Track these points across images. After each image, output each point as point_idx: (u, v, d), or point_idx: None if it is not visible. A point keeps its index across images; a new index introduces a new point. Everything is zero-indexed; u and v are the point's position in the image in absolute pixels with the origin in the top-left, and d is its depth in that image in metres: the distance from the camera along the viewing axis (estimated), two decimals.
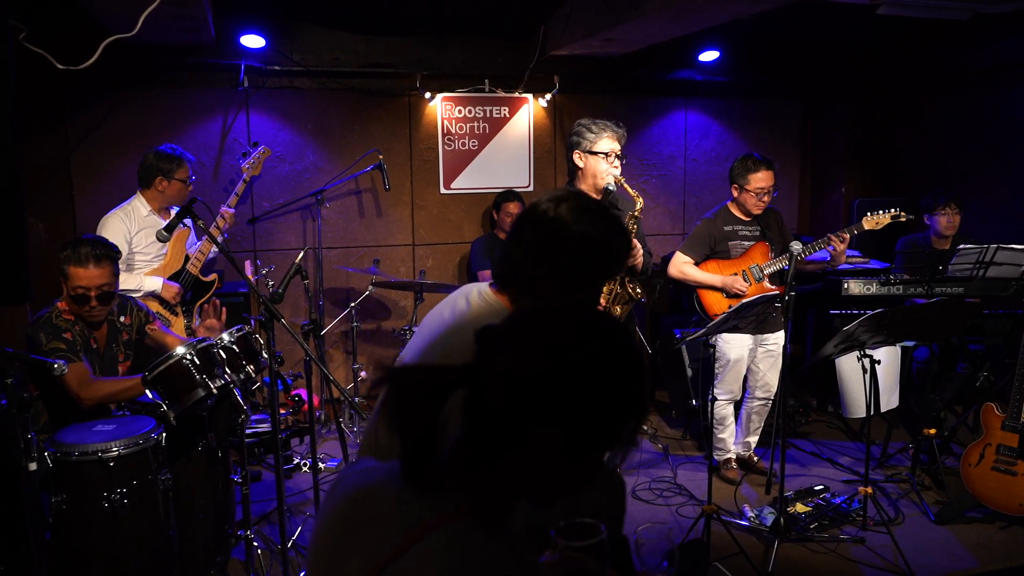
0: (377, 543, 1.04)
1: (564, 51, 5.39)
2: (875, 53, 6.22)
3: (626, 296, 3.58)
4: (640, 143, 6.19)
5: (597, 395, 1.02)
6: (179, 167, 4.22)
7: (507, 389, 1.02)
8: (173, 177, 4.19)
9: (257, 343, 3.21)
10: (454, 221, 5.89)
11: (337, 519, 1.13)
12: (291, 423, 4.64)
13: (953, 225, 4.88)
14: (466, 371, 1.05)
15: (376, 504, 1.09)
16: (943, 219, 4.87)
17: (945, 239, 4.90)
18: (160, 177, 4.18)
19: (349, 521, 1.11)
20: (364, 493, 1.12)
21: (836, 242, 4.17)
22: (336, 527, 1.13)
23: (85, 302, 3.10)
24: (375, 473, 1.14)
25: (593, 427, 1.02)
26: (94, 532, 2.79)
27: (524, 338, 1.05)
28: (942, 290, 4.43)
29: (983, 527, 3.87)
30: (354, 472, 1.19)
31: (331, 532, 1.14)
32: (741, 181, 4.26)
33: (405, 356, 1.82)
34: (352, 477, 1.18)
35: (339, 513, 1.14)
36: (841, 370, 4.49)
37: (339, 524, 1.12)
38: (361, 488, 1.13)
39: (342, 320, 5.50)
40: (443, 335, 1.72)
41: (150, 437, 2.90)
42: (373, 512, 1.09)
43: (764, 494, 4.27)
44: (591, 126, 3.60)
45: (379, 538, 1.05)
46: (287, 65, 5.27)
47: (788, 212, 6.55)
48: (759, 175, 4.21)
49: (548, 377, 1.01)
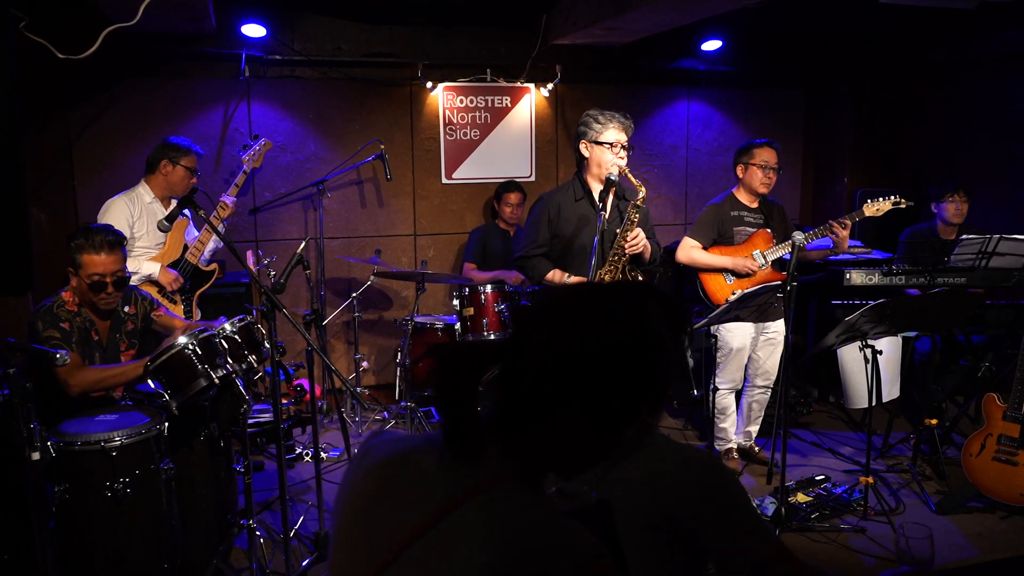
0: (415, 506, 1.07)
1: (566, 40, 5.37)
2: (879, 43, 6.19)
3: None
4: (642, 133, 6.17)
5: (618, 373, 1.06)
6: (186, 155, 4.24)
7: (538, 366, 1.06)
8: (178, 163, 4.22)
9: (259, 333, 3.21)
10: (455, 211, 5.88)
11: (372, 483, 1.16)
12: (293, 413, 4.65)
13: (961, 213, 4.86)
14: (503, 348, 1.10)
15: (414, 469, 1.13)
16: (951, 207, 4.85)
17: (952, 227, 4.88)
18: (165, 160, 4.20)
19: (385, 485, 1.14)
20: (400, 459, 1.15)
21: (837, 228, 4.18)
22: (371, 491, 1.15)
23: (102, 288, 3.12)
24: (410, 441, 1.18)
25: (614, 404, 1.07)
26: (97, 521, 2.80)
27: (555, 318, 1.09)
28: (944, 280, 4.43)
29: (984, 517, 3.87)
30: (384, 441, 1.22)
31: (364, 496, 1.16)
32: (746, 158, 4.32)
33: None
34: (383, 445, 1.20)
35: (373, 478, 1.16)
36: (843, 360, 4.49)
37: (374, 488, 1.15)
38: (397, 454, 1.16)
39: (344, 310, 5.50)
40: None
41: (153, 427, 2.91)
42: (411, 477, 1.12)
43: (765, 484, 4.28)
44: (598, 116, 3.65)
45: (417, 502, 1.08)
46: (288, 54, 5.25)
47: (790, 202, 6.54)
48: (763, 149, 4.29)
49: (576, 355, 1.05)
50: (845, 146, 6.39)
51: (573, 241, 3.74)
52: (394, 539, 1.07)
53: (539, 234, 3.78)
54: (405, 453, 1.16)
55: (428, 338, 4.98)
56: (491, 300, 4.68)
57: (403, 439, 1.21)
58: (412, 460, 1.14)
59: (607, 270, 3.64)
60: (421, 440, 1.17)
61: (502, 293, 4.68)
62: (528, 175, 5.97)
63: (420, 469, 1.12)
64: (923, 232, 5.00)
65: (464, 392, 1.09)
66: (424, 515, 1.06)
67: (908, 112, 6.27)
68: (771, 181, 4.31)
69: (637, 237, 3.62)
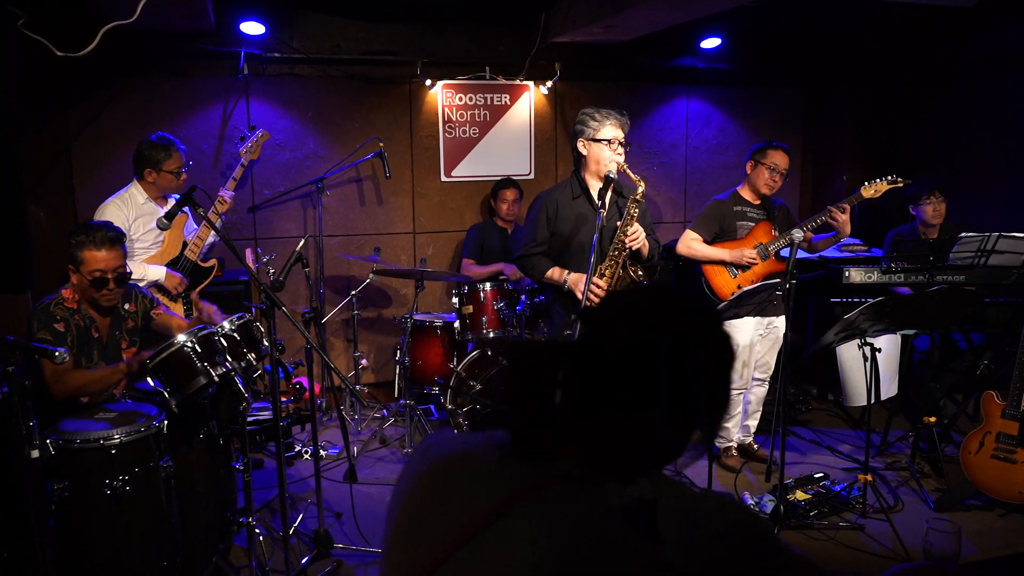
0: (473, 504, 1.08)
1: (565, 38, 5.36)
2: (878, 41, 6.18)
3: (628, 279, 3.65)
4: (641, 131, 6.17)
5: (696, 373, 1.09)
6: (168, 157, 4.15)
7: (618, 366, 1.07)
8: (162, 169, 4.15)
9: (258, 331, 3.21)
10: (455, 209, 5.88)
11: (432, 479, 1.18)
12: (292, 411, 4.65)
13: (940, 214, 4.85)
14: (574, 348, 1.12)
15: (475, 466, 1.14)
16: (929, 208, 4.85)
17: (933, 228, 4.88)
18: (149, 169, 4.15)
19: (446, 481, 1.15)
20: (461, 456, 1.18)
21: (837, 213, 4.21)
22: (430, 487, 1.17)
23: (103, 285, 3.12)
24: (471, 439, 1.21)
25: (689, 404, 1.09)
26: (96, 519, 2.80)
27: (629, 318, 1.11)
28: (943, 278, 4.43)
29: (982, 515, 3.88)
30: (445, 439, 1.24)
31: (423, 491, 1.18)
32: (759, 156, 4.38)
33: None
34: (444, 443, 1.23)
35: (434, 474, 1.18)
36: (842, 358, 4.50)
37: (434, 484, 1.17)
38: (457, 452, 1.19)
39: (343, 308, 5.50)
40: None
41: (152, 425, 2.91)
42: (471, 474, 1.14)
43: (764, 481, 4.29)
44: (595, 114, 3.67)
45: (476, 499, 1.09)
46: (287, 52, 5.25)
47: (790, 200, 6.54)
48: (777, 152, 4.35)
49: (657, 355, 1.07)
50: (844, 144, 6.39)
51: (572, 239, 3.75)
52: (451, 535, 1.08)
53: (538, 232, 3.79)
54: (466, 451, 1.19)
55: (427, 336, 4.98)
56: (490, 298, 4.68)
57: (464, 437, 1.24)
58: (473, 457, 1.17)
59: (607, 265, 3.64)
60: (482, 438, 1.19)
61: (501, 291, 4.68)
62: (527, 173, 5.96)
63: (480, 466, 1.14)
64: (905, 234, 4.99)
65: (535, 390, 1.10)
66: (481, 513, 1.06)
67: (907, 110, 6.27)
68: (776, 184, 4.36)
69: (637, 232, 3.63)
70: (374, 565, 3.49)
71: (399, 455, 4.73)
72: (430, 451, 1.23)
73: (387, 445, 4.89)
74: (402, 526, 1.19)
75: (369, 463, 4.62)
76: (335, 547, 3.51)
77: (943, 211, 4.87)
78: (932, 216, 4.86)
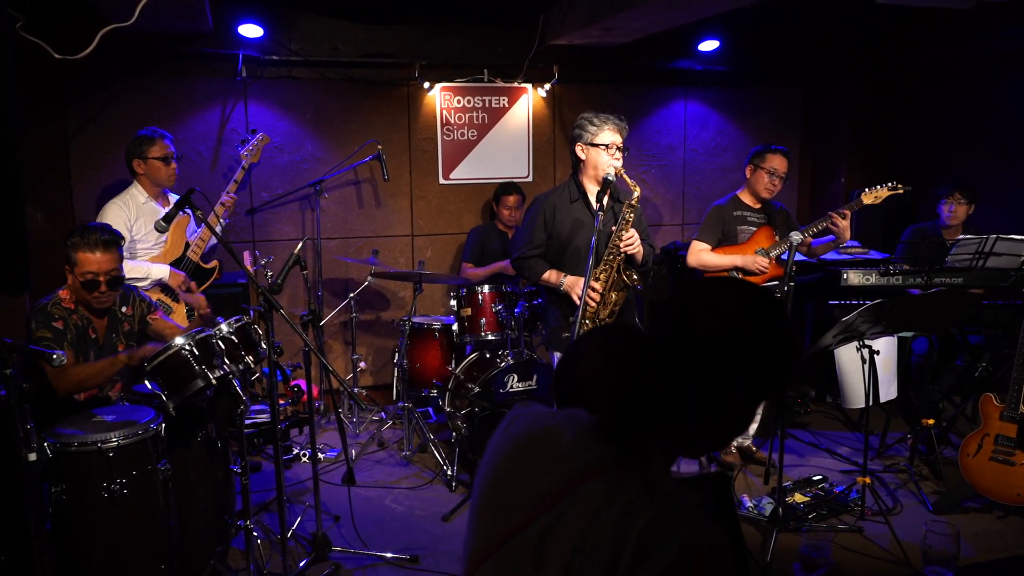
0: (550, 476, 1.19)
1: (563, 40, 5.36)
2: (877, 42, 6.19)
3: (622, 283, 3.69)
4: (639, 133, 6.17)
5: (777, 357, 1.23)
6: (151, 145, 4.16)
7: (712, 352, 1.20)
8: (148, 156, 4.15)
9: (256, 333, 3.21)
10: (453, 212, 5.88)
11: (515, 451, 1.28)
12: (290, 413, 4.64)
13: (956, 216, 4.82)
14: (666, 339, 1.24)
15: (554, 442, 1.24)
16: (945, 208, 4.85)
17: (950, 229, 4.87)
18: (137, 160, 4.17)
19: (527, 454, 1.26)
20: (544, 431, 1.27)
21: (837, 219, 4.22)
22: (513, 457, 1.28)
23: (95, 287, 3.12)
24: (553, 416, 1.30)
25: (769, 386, 1.24)
26: (94, 522, 2.80)
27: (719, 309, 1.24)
28: (941, 280, 4.43)
29: (981, 517, 3.88)
30: (531, 412, 1.33)
31: (507, 461, 1.29)
32: (757, 160, 4.41)
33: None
34: (529, 416, 1.32)
35: (517, 446, 1.29)
36: (840, 360, 4.49)
37: (517, 455, 1.27)
38: (540, 426, 1.29)
39: (341, 311, 5.50)
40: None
41: (149, 427, 2.91)
42: (551, 449, 1.23)
43: (763, 484, 4.29)
44: (593, 119, 3.70)
45: (553, 472, 1.19)
46: (285, 55, 5.25)
47: (788, 202, 6.53)
48: (776, 156, 4.38)
49: (747, 341, 1.22)
50: (843, 145, 6.40)
51: (568, 243, 3.77)
52: (532, 503, 1.18)
53: (535, 235, 3.80)
54: (548, 426, 1.28)
55: (426, 339, 4.98)
56: (488, 300, 4.68)
57: (547, 413, 1.32)
58: (554, 433, 1.25)
59: (602, 269, 3.67)
60: (564, 416, 1.28)
61: (499, 293, 4.68)
62: (526, 175, 5.96)
63: (560, 442, 1.23)
64: (926, 231, 4.99)
65: (631, 378, 1.21)
66: (557, 486, 1.17)
67: (906, 111, 6.28)
68: (775, 188, 4.39)
69: (632, 237, 3.65)
70: (372, 568, 3.49)
71: (397, 458, 4.73)
72: (514, 424, 1.33)
73: (385, 448, 4.89)
74: (486, 494, 1.29)
75: (367, 466, 4.62)
76: (333, 550, 3.50)
77: (961, 215, 4.83)
78: (947, 217, 4.85)
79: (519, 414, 1.35)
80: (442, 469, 4.47)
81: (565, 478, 1.17)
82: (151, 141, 4.18)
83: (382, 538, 3.74)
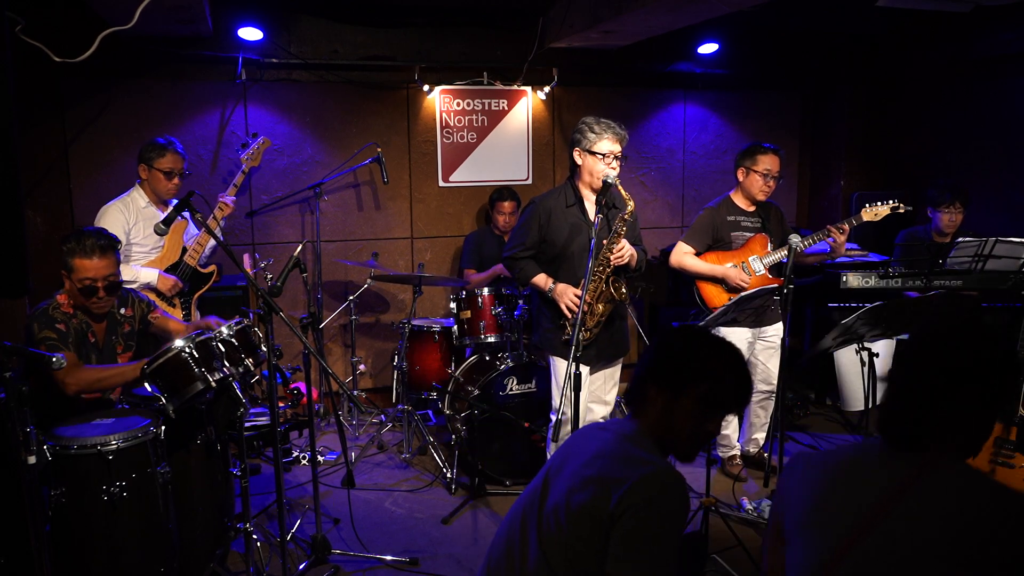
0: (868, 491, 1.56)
1: (563, 43, 5.37)
2: (875, 45, 6.21)
3: (609, 295, 3.60)
4: (639, 136, 6.18)
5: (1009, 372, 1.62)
6: (161, 156, 4.15)
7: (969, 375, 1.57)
8: (153, 166, 4.15)
9: (256, 336, 3.21)
10: (452, 214, 5.88)
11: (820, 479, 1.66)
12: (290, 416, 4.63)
13: (954, 224, 4.84)
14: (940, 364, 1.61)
15: (858, 463, 1.64)
16: (945, 216, 4.85)
17: (946, 236, 4.87)
18: (143, 165, 4.17)
19: (835, 478, 1.64)
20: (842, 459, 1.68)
21: (836, 233, 4.16)
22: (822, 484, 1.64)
23: (93, 293, 3.12)
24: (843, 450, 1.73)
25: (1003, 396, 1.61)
26: (93, 525, 2.80)
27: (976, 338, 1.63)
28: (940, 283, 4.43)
29: None
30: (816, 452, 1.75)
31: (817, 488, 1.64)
32: (748, 162, 4.27)
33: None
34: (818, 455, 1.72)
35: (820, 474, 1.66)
36: (840, 363, 4.49)
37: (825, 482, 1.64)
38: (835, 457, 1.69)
39: (341, 313, 5.50)
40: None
41: (149, 430, 2.90)
42: (858, 469, 1.63)
43: (763, 487, 4.28)
44: (594, 126, 3.64)
45: (869, 487, 1.57)
46: (285, 58, 5.26)
47: (787, 205, 6.55)
48: (767, 156, 4.25)
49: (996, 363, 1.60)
50: (841, 148, 6.41)
51: (563, 248, 3.73)
52: (857, 519, 1.53)
53: (528, 236, 3.77)
54: (842, 455, 1.69)
55: (425, 341, 4.97)
56: (488, 303, 4.68)
57: (834, 450, 1.73)
58: (854, 457, 1.67)
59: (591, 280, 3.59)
60: (850, 448, 1.71)
61: (499, 296, 4.68)
62: (525, 178, 5.97)
63: (863, 462, 1.63)
64: (919, 235, 5.00)
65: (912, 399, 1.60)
66: (879, 498, 1.53)
67: (904, 114, 6.29)
68: (770, 189, 4.29)
69: (623, 249, 3.61)
70: (372, 571, 3.49)
71: (397, 460, 4.72)
72: (807, 461, 1.72)
73: (385, 450, 4.89)
74: (803, 520, 1.63)
75: (367, 468, 4.62)
76: (332, 553, 3.50)
77: (958, 221, 4.85)
78: (947, 224, 4.85)
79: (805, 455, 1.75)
80: (442, 472, 4.47)
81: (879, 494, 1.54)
82: (161, 151, 4.17)
83: (381, 541, 3.74)
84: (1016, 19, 4.96)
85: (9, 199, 2.21)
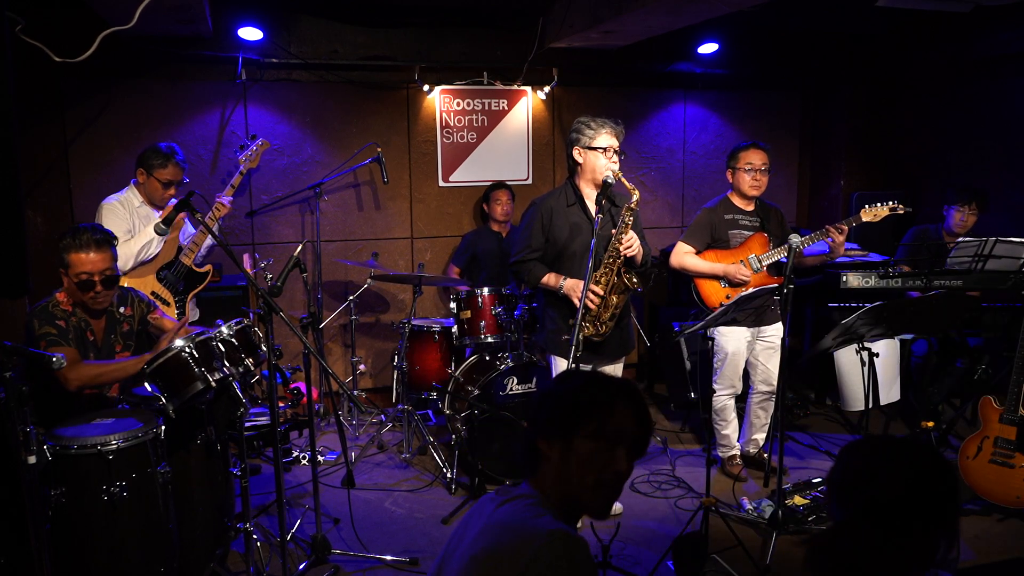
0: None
1: (563, 43, 5.37)
2: (875, 45, 6.20)
3: (622, 286, 3.69)
4: (639, 136, 6.18)
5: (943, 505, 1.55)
6: (163, 166, 4.14)
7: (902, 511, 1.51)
8: (152, 174, 4.14)
9: (256, 336, 3.21)
10: (452, 214, 5.88)
11: None
12: (290, 416, 4.63)
13: (965, 225, 4.85)
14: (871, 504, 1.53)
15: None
16: (958, 215, 4.86)
17: (956, 236, 4.87)
18: (142, 169, 4.16)
19: None
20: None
21: (835, 233, 4.17)
22: None
23: (90, 288, 3.12)
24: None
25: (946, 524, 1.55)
26: (93, 525, 2.79)
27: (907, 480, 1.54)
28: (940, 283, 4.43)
29: (980, 519, 3.88)
30: None
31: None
32: (732, 163, 4.34)
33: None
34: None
35: None
36: (840, 363, 4.49)
37: None
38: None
39: (341, 313, 5.50)
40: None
41: (149, 430, 2.90)
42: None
43: (763, 487, 4.28)
44: (590, 123, 3.73)
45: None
46: (285, 58, 5.26)
47: (787, 205, 6.55)
48: (747, 152, 4.29)
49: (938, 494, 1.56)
50: (841, 148, 6.41)
51: (566, 246, 3.78)
52: None
53: (533, 239, 3.81)
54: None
55: (425, 341, 4.97)
56: (488, 303, 4.68)
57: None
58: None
59: (603, 272, 3.68)
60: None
61: (499, 296, 4.68)
62: (525, 178, 5.97)
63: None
64: (929, 233, 4.99)
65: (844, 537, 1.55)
66: None
67: (904, 114, 6.29)
68: (760, 183, 4.30)
69: (632, 240, 3.66)
70: (372, 570, 3.49)
71: (397, 460, 4.73)
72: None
73: (385, 450, 4.89)
74: None
75: (367, 468, 4.62)
76: (332, 553, 3.50)
77: (969, 224, 4.87)
78: (957, 223, 4.86)
79: None
80: (442, 472, 4.47)
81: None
82: (164, 162, 4.14)
83: (381, 540, 3.74)
84: (1016, 19, 4.96)
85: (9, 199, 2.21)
